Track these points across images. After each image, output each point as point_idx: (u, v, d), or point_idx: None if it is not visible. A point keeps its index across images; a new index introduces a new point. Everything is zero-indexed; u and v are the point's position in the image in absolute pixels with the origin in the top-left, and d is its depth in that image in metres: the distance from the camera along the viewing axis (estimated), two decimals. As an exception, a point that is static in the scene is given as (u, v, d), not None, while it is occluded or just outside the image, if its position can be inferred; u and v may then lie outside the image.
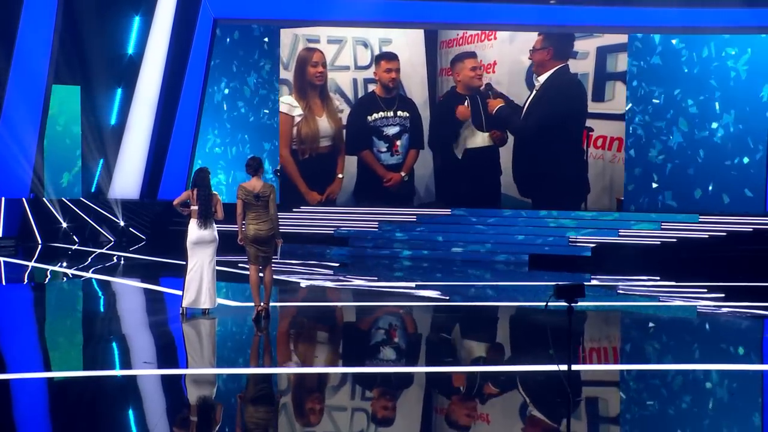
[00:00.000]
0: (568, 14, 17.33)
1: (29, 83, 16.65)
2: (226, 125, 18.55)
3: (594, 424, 5.63)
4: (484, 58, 17.95)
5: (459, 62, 18.09)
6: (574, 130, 17.27)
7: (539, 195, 17.20)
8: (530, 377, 6.60)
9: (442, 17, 17.90)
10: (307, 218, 17.16)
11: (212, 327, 8.46)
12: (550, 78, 17.55)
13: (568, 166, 17.22)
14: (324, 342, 8.39)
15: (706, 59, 16.63)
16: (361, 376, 6.71)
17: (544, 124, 17.29)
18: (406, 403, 6.13)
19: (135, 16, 18.52)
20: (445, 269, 13.83)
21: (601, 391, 6.59)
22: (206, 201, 8.64)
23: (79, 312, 10.00)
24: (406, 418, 5.77)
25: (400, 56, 18.19)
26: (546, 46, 17.68)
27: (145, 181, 18.56)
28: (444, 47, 18.32)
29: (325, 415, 5.75)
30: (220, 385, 6.42)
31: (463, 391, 6.44)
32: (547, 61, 17.60)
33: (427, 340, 8.29)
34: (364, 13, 17.60)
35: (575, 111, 17.33)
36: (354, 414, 5.83)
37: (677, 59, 16.82)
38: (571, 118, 17.31)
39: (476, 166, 17.66)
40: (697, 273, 12.89)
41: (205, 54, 18.40)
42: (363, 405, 6.11)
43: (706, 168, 16.60)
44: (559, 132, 17.25)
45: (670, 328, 9.18)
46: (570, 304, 5.24)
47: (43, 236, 17.19)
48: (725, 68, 16.53)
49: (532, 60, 17.60)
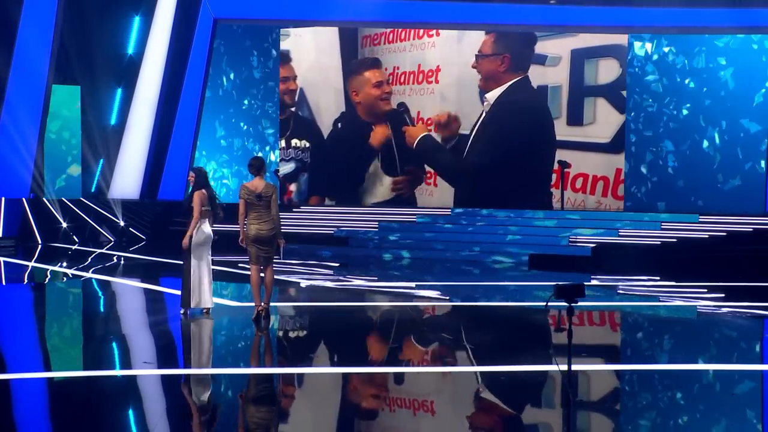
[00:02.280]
0: (563, 13, 16.18)
1: (29, 83, 16.65)
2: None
3: (594, 424, 5.63)
4: (423, 62, 14.01)
5: (356, 75, 13.82)
6: (540, 167, 13.31)
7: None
8: (530, 377, 6.60)
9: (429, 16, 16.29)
10: (307, 218, 17.15)
11: (212, 327, 8.46)
12: (504, 95, 13.51)
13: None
14: (324, 342, 8.39)
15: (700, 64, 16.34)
16: (360, 377, 6.71)
17: (494, 161, 13.30)
18: (405, 402, 6.13)
19: (135, 16, 18.53)
20: (445, 269, 13.82)
21: (601, 391, 6.59)
22: (213, 200, 8.76)
23: (79, 312, 10.00)
24: (406, 417, 5.76)
25: (300, 59, 14.33)
26: (498, 52, 13.59)
27: (145, 181, 18.56)
28: (368, 45, 14.78)
29: (326, 415, 5.75)
30: (219, 386, 6.42)
31: (463, 391, 6.44)
32: (500, 73, 13.63)
33: (426, 340, 8.28)
34: (366, 13, 17.12)
35: (540, 140, 13.54)
36: (354, 414, 5.84)
37: (671, 66, 16.36)
38: (534, 151, 13.30)
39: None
40: (697, 273, 12.88)
41: (205, 54, 18.40)
42: (363, 405, 6.11)
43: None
44: (518, 172, 13.37)
45: (670, 328, 9.18)
46: (570, 304, 5.24)
47: (43, 236, 17.19)
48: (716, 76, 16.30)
49: (479, 70, 13.69)
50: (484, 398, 6.19)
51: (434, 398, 6.24)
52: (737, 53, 16.37)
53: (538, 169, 13.47)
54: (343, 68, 14.44)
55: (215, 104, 18.21)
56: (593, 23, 16.54)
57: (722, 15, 16.20)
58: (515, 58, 13.50)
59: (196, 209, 8.59)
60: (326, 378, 6.70)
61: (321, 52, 14.83)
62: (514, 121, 13.45)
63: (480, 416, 5.78)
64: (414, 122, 13.46)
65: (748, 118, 16.26)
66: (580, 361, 6.96)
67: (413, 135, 13.62)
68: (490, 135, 13.46)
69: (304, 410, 5.92)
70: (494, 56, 13.26)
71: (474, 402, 6.11)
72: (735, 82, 16.23)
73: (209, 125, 18.59)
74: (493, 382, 6.59)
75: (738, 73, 16.34)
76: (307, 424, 5.61)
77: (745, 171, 16.34)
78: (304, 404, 6.10)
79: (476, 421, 5.67)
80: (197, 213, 8.59)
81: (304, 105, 14.93)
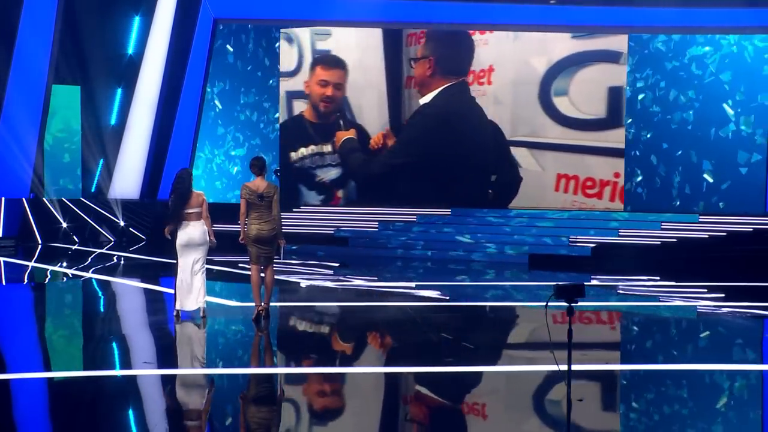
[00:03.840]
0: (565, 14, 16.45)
1: (29, 83, 16.65)
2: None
3: (594, 424, 5.62)
4: (476, 62, 14.30)
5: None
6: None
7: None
8: (531, 377, 6.59)
9: (443, 17, 16.58)
10: (308, 218, 17.15)
11: (212, 327, 8.46)
12: (433, 101, 13.10)
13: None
14: (323, 342, 8.39)
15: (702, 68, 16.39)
16: (361, 376, 6.71)
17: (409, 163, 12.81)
18: (405, 402, 6.13)
19: (135, 16, 18.53)
20: (444, 269, 13.82)
21: (601, 391, 6.59)
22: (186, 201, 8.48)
23: (79, 312, 10.00)
24: (405, 417, 5.76)
25: (347, 61, 14.33)
26: (427, 54, 12.98)
27: (145, 181, 18.57)
28: (413, 44, 14.70)
29: (326, 415, 5.75)
30: (219, 386, 6.42)
31: (463, 391, 6.44)
32: (428, 78, 13.17)
33: (427, 340, 8.28)
34: (367, 12, 17.06)
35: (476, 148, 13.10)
36: (354, 414, 5.84)
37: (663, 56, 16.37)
38: (460, 153, 12.77)
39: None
40: (697, 273, 12.89)
41: (205, 54, 18.40)
42: (363, 405, 6.11)
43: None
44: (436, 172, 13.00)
45: (670, 328, 9.18)
46: (570, 304, 5.24)
47: (43, 236, 17.19)
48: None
49: (413, 74, 13.15)
50: (484, 398, 6.19)
51: (434, 398, 6.23)
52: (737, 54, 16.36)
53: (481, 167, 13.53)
54: (388, 73, 14.24)
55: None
56: (593, 23, 16.62)
57: (723, 15, 16.20)
58: (444, 61, 13.08)
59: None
60: (326, 378, 6.70)
61: (364, 52, 14.39)
62: (443, 128, 13.33)
63: (480, 416, 5.78)
64: (347, 127, 13.53)
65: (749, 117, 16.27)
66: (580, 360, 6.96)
67: (339, 137, 13.90)
68: (413, 141, 13.51)
69: (304, 410, 5.92)
70: (423, 59, 12.77)
71: (474, 402, 6.11)
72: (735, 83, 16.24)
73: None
74: (493, 382, 6.59)
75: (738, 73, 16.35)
76: (307, 424, 5.61)
77: (745, 171, 16.33)
78: (304, 404, 6.10)
79: (476, 420, 5.66)
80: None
81: (346, 108, 14.63)
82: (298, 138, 15.94)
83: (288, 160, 16.91)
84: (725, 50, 16.43)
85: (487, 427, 5.58)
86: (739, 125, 16.30)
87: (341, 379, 6.69)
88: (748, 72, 16.15)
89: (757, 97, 16.09)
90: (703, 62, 16.38)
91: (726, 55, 16.39)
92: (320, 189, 15.66)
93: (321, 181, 15.14)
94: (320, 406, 6.05)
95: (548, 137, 15.98)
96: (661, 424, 5.50)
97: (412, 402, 6.15)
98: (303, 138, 15.82)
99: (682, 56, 16.48)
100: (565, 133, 16.26)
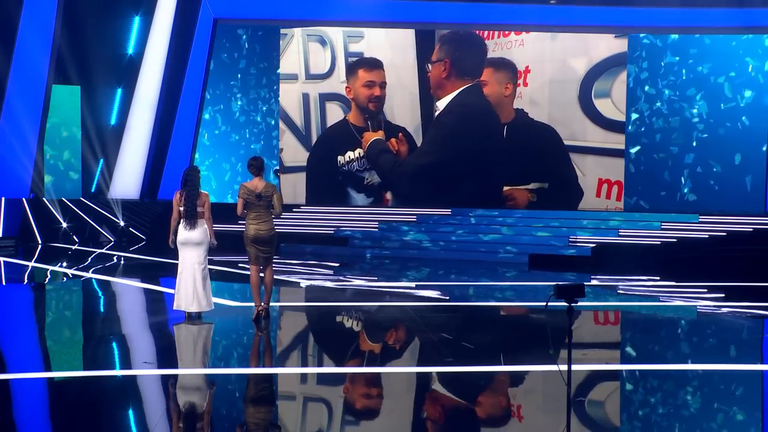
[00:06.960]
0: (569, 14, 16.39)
1: (29, 83, 16.66)
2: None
3: (594, 424, 5.63)
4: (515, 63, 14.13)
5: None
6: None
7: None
8: (530, 377, 6.59)
9: (445, 17, 16.51)
10: (308, 218, 17.15)
11: (212, 327, 8.45)
12: (452, 103, 13.20)
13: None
14: (323, 342, 8.39)
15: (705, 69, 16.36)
16: (360, 377, 6.71)
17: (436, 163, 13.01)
18: (404, 403, 6.13)
19: (135, 16, 18.53)
20: (444, 269, 13.82)
21: (601, 391, 6.59)
22: (192, 201, 8.48)
23: (79, 312, 10.00)
24: (405, 417, 5.76)
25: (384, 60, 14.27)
26: (443, 57, 12.99)
27: (145, 181, 18.57)
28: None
29: (326, 415, 5.75)
30: (219, 386, 6.41)
31: (463, 391, 6.44)
32: (445, 80, 13.20)
33: (426, 340, 8.28)
34: (367, 12, 17.08)
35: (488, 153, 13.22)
36: (353, 414, 5.83)
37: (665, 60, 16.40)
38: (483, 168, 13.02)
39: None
40: (697, 273, 12.88)
41: (205, 54, 18.41)
42: (363, 405, 6.11)
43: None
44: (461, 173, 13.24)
45: (670, 328, 9.17)
46: (570, 304, 5.23)
47: (43, 236, 17.20)
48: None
49: (430, 77, 13.34)
50: (483, 398, 6.19)
51: (434, 398, 6.23)
52: (737, 54, 16.37)
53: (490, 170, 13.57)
54: (420, 73, 14.26)
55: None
56: (593, 23, 16.57)
57: (722, 15, 16.19)
58: (461, 63, 13.13)
59: (175, 210, 8.57)
60: (326, 378, 6.70)
61: (396, 53, 14.36)
62: (465, 133, 13.37)
63: (479, 416, 5.78)
64: (376, 128, 13.45)
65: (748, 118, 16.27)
66: (580, 360, 6.96)
67: (367, 138, 13.74)
68: (437, 145, 13.43)
69: (304, 410, 5.92)
70: (439, 62, 12.80)
71: (473, 402, 6.11)
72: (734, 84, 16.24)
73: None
74: (493, 382, 6.59)
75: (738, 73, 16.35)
76: (306, 424, 5.61)
77: (746, 171, 16.33)
78: (304, 404, 6.10)
79: (475, 420, 5.66)
80: (175, 213, 8.56)
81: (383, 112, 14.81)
82: (344, 143, 16.03)
83: (336, 163, 16.93)
84: (725, 50, 16.45)
85: (487, 427, 5.58)
86: (740, 124, 16.33)
87: (341, 379, 6.69)
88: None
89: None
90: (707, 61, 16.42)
91: (726, 55, 16.42)
92: (369, 191, 15.67)
93: (369, 184, 15.15)
94: (320, 406, 6.04)
95: (588, 141, 15.97)
96: (661, 424, 5.50)
97: (413, 402, 6.15)
98: (349, 143, 15.94)
99: (680, 54, 16.52)
100: (606, 137, 16.21)
